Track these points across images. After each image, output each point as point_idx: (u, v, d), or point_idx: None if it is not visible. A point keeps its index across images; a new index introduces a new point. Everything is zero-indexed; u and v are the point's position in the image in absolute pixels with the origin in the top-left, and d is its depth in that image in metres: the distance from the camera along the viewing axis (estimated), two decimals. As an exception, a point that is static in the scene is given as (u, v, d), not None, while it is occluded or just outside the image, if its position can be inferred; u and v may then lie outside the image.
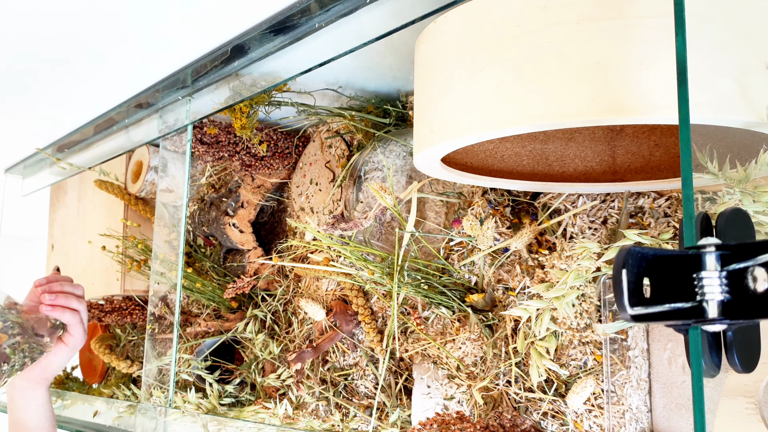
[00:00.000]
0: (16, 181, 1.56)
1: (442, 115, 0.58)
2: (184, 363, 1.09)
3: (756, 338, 0.42)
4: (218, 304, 1.13)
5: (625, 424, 0.68)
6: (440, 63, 0.58)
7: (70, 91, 1.06)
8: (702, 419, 0.37)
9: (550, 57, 0.50)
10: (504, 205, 0.82)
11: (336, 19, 0.72)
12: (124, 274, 1.26)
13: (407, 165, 0.94)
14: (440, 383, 0.83)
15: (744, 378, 0.54)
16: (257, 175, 1.14)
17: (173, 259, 1.04)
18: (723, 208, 0.43)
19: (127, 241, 1.24)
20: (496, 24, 0.53)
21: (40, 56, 0.92)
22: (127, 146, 1.17)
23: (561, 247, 0.75)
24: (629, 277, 0.36)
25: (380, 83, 0.97)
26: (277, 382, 1.01)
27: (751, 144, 0.59)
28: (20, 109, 1.16)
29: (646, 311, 0.36)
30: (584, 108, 0.48)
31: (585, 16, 0.49)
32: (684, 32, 0.41)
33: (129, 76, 0.99)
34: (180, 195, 1.05)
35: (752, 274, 0.36)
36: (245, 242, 1.14)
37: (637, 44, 0.48)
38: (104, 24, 0.82)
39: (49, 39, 0.86)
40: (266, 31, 0.80)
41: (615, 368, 0.69)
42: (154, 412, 1.00)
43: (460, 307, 0.81)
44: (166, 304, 1.03)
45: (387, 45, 0.83)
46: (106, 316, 1.28)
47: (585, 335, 0.71)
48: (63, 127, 1.24)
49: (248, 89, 0.89)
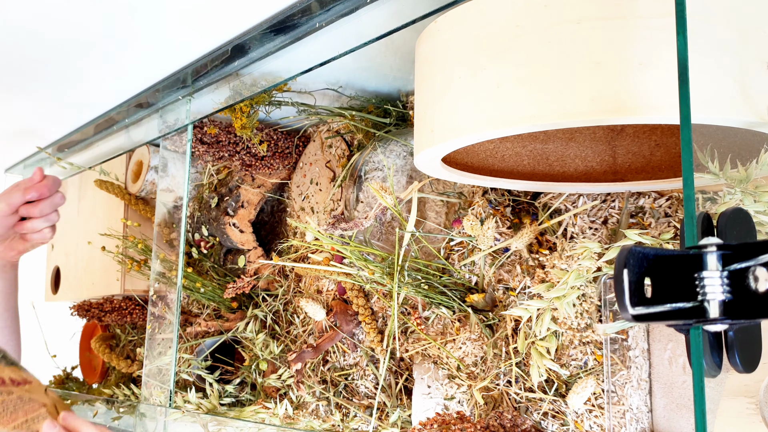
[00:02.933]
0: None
1: (443, 115, 0.58)
2: (184, 363, 1.09)
3: (757, 338, 0.42)
4: (218, 304, 1.13)
5: (626, 424, 0.68)
6: (441, 63, 0.58)
7: (71, 90, 1.06)
8: (703, 419, 0.37)
9: (551, 57, 0.50)
10: (504, 205, 0.82)
11: (336, 18, 0.72)
12: (124, 274, 1.26)
13: (407, 165, 0.94)
14: (440, 383, 0.83)
15: (745, 378, 0.54)
16: (257, 174, 1.14)
17: (173, 259, 1.03)
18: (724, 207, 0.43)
19: (127, 241, 1.24)
20: (496, 24, 0.53)
21: (40, 56, 0.92)
22: (128, 146, 1.17)
23: (561, 247, 0.75)
24: (630, 277, 0.36)
25: (381, 83, 0.97)
26: (278, 382, 1.01)
27: (752, 144, 0.59)
28: (21, 109, 1.16)
29: (648, 311, 0.36)
30: (585, 108, 0.48)
31: (585, 16, 0.49)
32: (685, 32, 0.41)
33: (129, 75, 0.99)
34: (180, 195, 1.05)
35: (753, 274, 0.36)
36: (245, 242, 1.14)
37: (638, 44, 0.48)
38: (104, 24, 0.82)
39: (49, 39, 0.86)
40: (267, 30, 0.80)
41: (615, 368, 0.69)
42: (154, 411, 1.00)
43: (460, 307, 0.81)
44: (166, 304, 1.02)
45: (387, 45, 0.83)
46: (106, 316, 1.28)
47: (585, 335, 0.71)
48: (63, 126, 1.24)
49: (248, 89, 0.89)
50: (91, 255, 1.36)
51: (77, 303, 1.37)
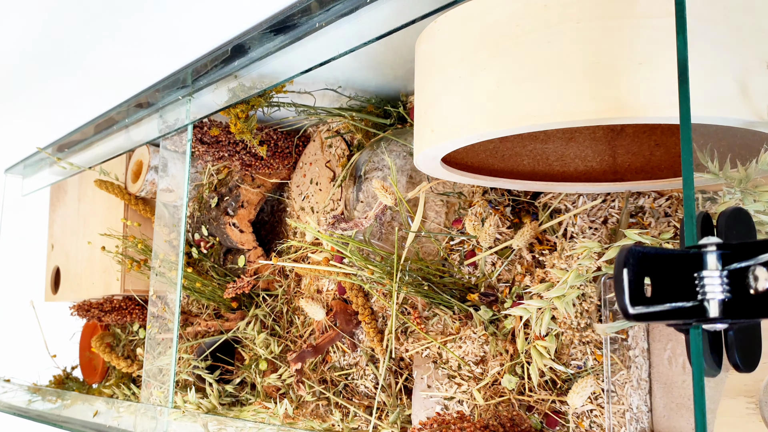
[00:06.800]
0: (16, 180, 1.56)
1: (443, 115, 0.58)
2: (184, 363, 1.09)
3: (757, 338, 0.42)
4: (218, 304, 1.13)
5: (626, 423, 0.68)
6: (440, 62, 0.58)
7: (70, 90, 1.06)
8: (703, 418, 0.37)
9: (551, 57, 0.50)
10: (504, 205, 0.82)
11: (336, 18, 0.72)
12: (124, 274, 1.26)
13: (407, 165, 0.94)
14: (440, 383, 0.83)
15: (745, 378, 0.54)
16: (257, 174, 1.14)
17: (173, 259, 1.03)
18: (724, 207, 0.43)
19: (127, 241, 1.24)
20: (496, 24, 0.53)
21: (39, 56, 0.92)
22: (127, 146, 1.17)
23: (561, 247, 0.75)
24: (630, 276, 0.36)
25: (381, 83, 0.97)
26: (278, 382, 1.01)
27: (752, 143, 0.59)
28: (20, 109, 1.16)
29: (647, 310, 0.36)
30: (584, 108, 0.48)
31: (585, 16, 0.49)
32: (685, 31, 0.41)
33: (129, 75, 0.99)
34: (180, 195, 1.05)
35: (753, 274, 0.36)
36: (245, 242, 1.14)
37: (638, 44, 0.48)
38: (104, 23, 0.82)
39: (48, 39, 0.86)
40: (266, 30, 0.80)
41: (615, 368, 0.69)
42: (154, 411, 1.00)
43: (460, 306, 0.81)
44: (166, 304, 1.02)
45: (387, 45, 0.83)
46: (106, 316, 1.28)
47: (585, 335, 0.71)
48: (63, 126, 1.24)
49: (248, 90, 0.89)
50: (91, 255, 1.36)
51: (77, 303, 1.37)
